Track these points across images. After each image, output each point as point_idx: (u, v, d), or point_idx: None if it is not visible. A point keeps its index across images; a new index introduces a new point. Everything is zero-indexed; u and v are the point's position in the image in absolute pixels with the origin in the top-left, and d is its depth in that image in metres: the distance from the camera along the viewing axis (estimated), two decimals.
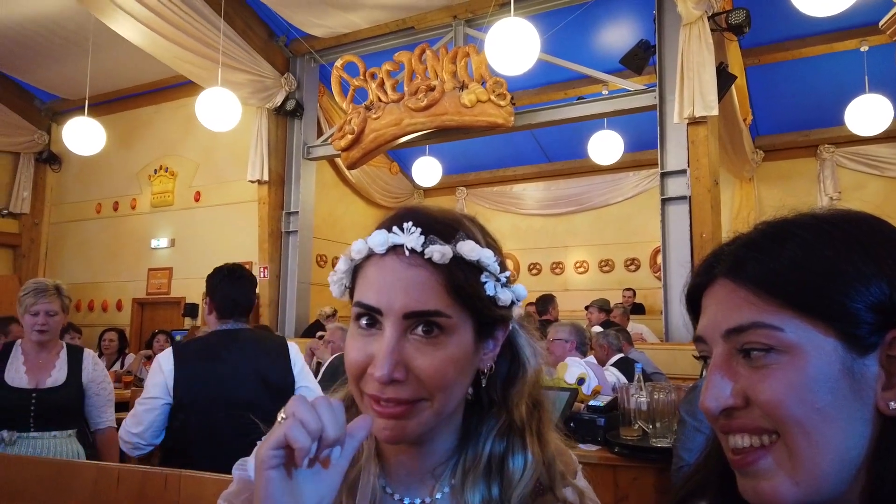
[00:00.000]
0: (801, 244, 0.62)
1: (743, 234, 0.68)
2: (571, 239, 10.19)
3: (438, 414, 0.74)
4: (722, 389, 0.62)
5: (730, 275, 0.65)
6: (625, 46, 6.32)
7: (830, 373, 0.58)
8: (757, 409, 0.60)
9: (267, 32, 8.01)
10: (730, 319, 0.62)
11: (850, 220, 0.64)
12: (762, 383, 0.59)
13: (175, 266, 9.25)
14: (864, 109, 6.74)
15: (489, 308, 0.76)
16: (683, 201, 5.78)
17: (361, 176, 9.65)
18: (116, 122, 9.53)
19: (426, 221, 0.75)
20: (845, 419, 0.58)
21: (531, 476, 0.77)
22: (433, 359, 0.72)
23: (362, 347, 0.74)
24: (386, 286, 0.73)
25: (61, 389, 2.75)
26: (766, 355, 0.60)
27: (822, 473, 0.58)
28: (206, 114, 6.58)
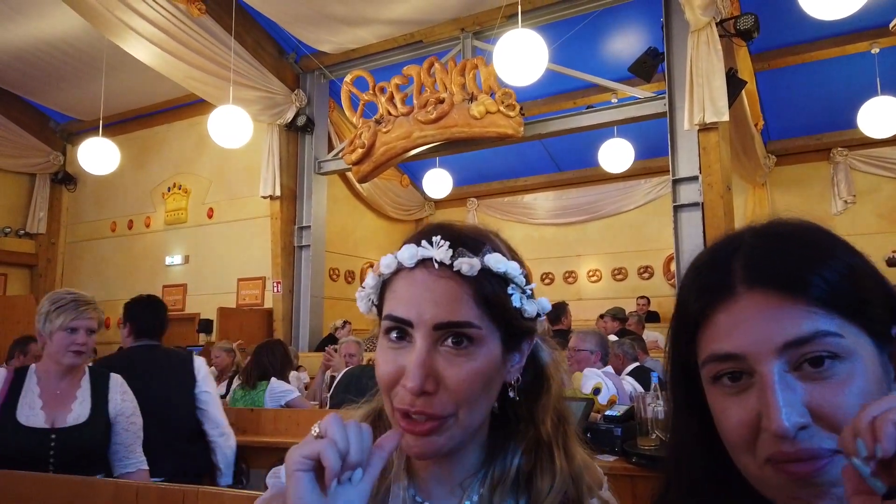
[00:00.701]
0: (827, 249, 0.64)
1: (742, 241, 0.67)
2: (584, 248, 10.16)
3: (465, 428, 0.75)
4: (796, 406, 0.59)
5: (764, 285, 0.62)
6: (633, 54, 6.32)
7: (878, 374, 0.60)
8: (824, 423, 0.58)
9: (277, 50, 8.10)
10: (786, 332, 0.60)
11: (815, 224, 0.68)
12: (835, 396, 0.58)
13: (189, 282, 9.32)
14: (877, 111, 6.68)
15: (516, 319, 0.78)
16: (696, 208, 5.75)
17: (372, 189, 9.69)
18: (130, 141, 9.65)
19: (454, 235, 0.76)
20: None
21: (559, 490, 0.78)
22: (463, 370, 0.73)
23: (393, 360, 0.75)
24: (416, 298, 0.74)
25: (85, 428, 2.24)
26: (829, 364, 0.59)
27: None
28: (218, 131, 6.64)
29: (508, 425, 0.83)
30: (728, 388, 0.63)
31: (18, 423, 2.15)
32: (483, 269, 0.75)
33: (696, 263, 0.70)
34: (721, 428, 0.64)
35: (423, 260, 0.75)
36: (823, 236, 0.66)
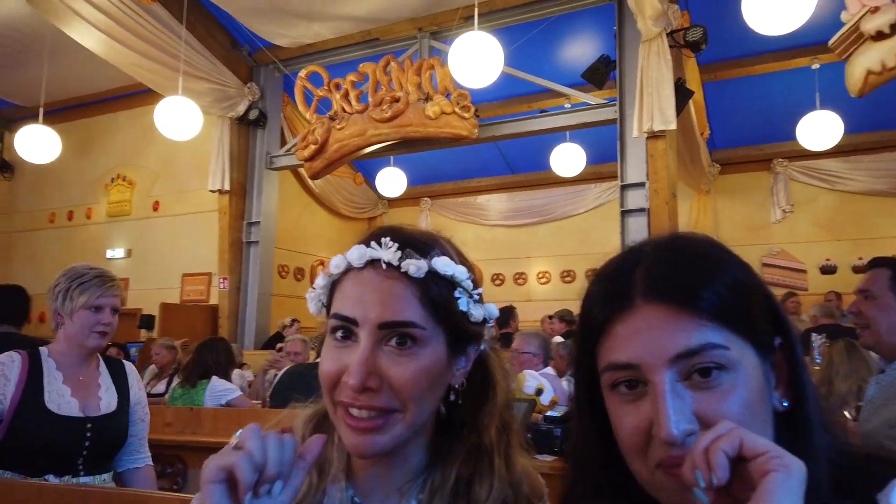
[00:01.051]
0: (719, 264, 0.67)
1: (643, 255, 0.70)
2: (534, 250, 10.27)
3: (410, 426, 0.76)
4: (686, 415, 0.61)
5: (660, 298, 0.65)
6: (586, 61, 6.42)
7: (760, 383, 0.64)
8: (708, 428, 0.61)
9: (230, 41, 7.93)
10: (677, 344, 0.63)
11: (712, 240, 0.72)
12: (720, 404, 0.61)
13: (132, 277, 9.04)
14: (816, 125, 6.96)
15: (462, 323, 0.79)
16: (642, 213, 5.88)
17: (325, 186, 9.58)
18: (72, 129, 9.31)
19: (403, 238, 0.78)
20: (767, 425, 0.64)
21: (497, 498, 0.79)
22: (407, 369, 0.74)
23: (336, 358, 0.76)
24: (362, 298, 0.75)
25: (115, 417, 2.09)
26: (715, 374, 0.62)
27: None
28: (165, 122, 6.46)
29: (452, 430, 0.83)
30: (624, 395, 0.66)
31: (50, 411, 1.95)
32: (430, 272, 0.76)
33: (601, 274, 0.73)
34: (617, 434, 0.67)
35: (372, 261, 0.76)
36: (717, 252, 0.69)
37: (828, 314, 5.59)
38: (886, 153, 8.14)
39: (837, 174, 8.44)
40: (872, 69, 4.83)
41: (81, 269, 2.12)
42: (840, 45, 5.05)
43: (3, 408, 1.90)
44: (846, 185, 8.40)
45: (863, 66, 4.89)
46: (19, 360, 1.98)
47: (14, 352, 2.02)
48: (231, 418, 3.35)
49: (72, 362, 2.06)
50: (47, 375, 2.00)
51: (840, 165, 8.40)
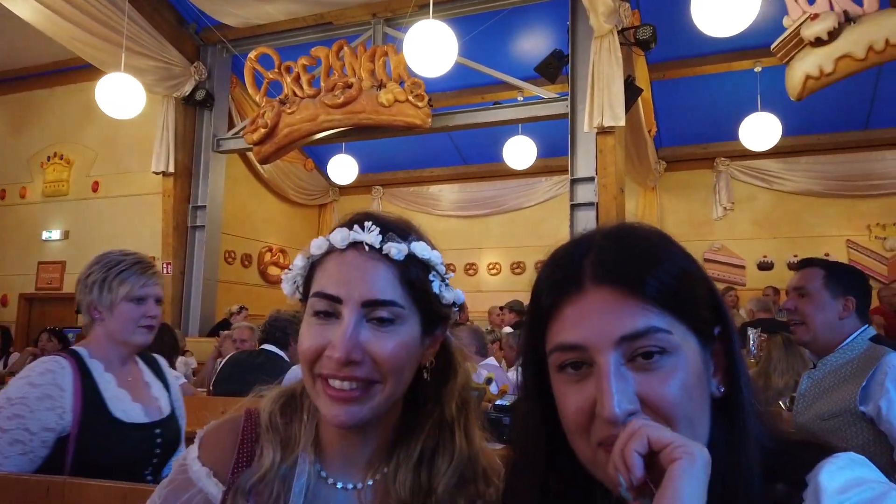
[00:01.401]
0: (666, 253, 0.70)
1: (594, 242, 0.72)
2: (485, 241, 10.34)
3: (388, 398, 0.81)
4: (628, 395, 0.64)
5: (608, 282, 0.67)
6: (540, 55, 6.48)
7: (699, 368, 0.67)
8: (649, 408, 0.64)
9: (176, 18, 7.67)
10: (623, 326, 0.65)
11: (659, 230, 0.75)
12: (661, 386, 0.64)
13: (69, 260, 8.70)
14: (756, 126, 7.21)
15: (435, 304, 0.85)
16: (591, 207, 5.99)
17: (274, 171, 9.41)
18: (6, 104, 8.89)
19: (383, 223, 0.83)
20: (705, 408, 0.68)
21: (456, 468, 0.85)
22: (387, 343, 0.79)
23: (318, 334, 0.79)
24: (346, 277, 0.80)
25: (174, 418, 1.89)
26: (658, 357, 0.65)
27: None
28: (106, 100, 6.23)
29: (417, 408, 0.88)
30: (571, 375, 0.68)
31: (118, 420, 1.69)
32: (409, 255, 0.82)
33: (552, 260, 0.75)
34: (561, 413, 0.69)
35: (354, 243, 0.81)
36: (664, 242, 0.72)
37: (764, 308, 5.81)
38: (822, 155, 8.51)
39: (776, 174, 8.77)
40: (811, 74, 5.04)
41: (117, 255, 1.85)
42: (781, 49, 5.25)
43: (65, 423, 1.60)
44: (783, 185, 8.75)
45: (802, 70, 5.09)
46: (68, 366, 1.67)
47: (57, 356, 1.72)
48: None
49: (117, 362, 1.79)
50: (100, 380, 1.72)
51: (778, 166, 8.74)
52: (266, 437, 0.85)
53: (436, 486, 0.83)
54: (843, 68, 4.93)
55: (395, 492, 0.83)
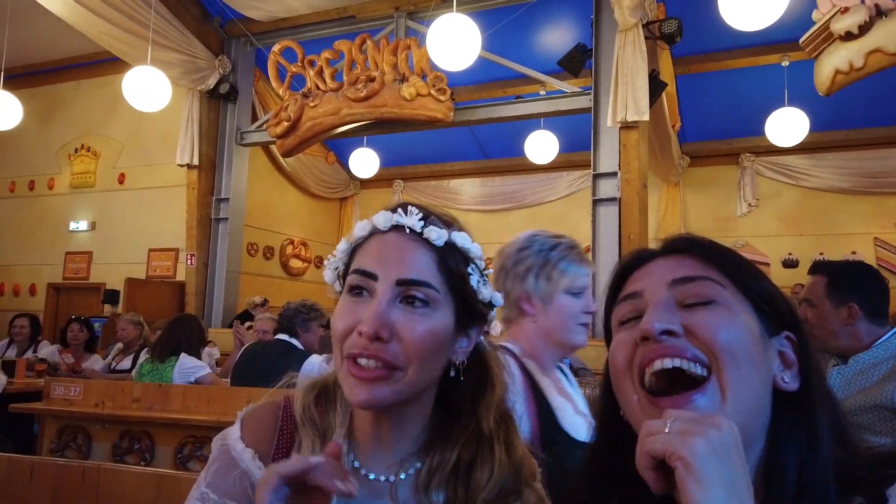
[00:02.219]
0: (741, 257, 0.76)
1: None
2: (506, 235, 9.99)
3: (411, 386, 0.79)
4: (665, 316, 0.66)
5: (672, 252, 0.73)
6: (563, 48, 6.43)
7: (753, 332, 0.68)
8: (693, 338, 0.66)
9: (201, 12, 7.74)
10: (676, 272, 0.70)
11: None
12: (705, 317, 0.67)
13: (95, 250, 8.85)
14: (783, 121, 7.10)
15: (471, 299, 0.84)
16: (613, 203, 5.95)
17: (297, 164, 9.47)
18: (35, 96, 9.01)
19: (426, 210, 0.85)
20: (760, 373, 0.68)
21: (497, 482, 0.82)
22: (417, 326, 0.78)
23: (351, 311, 0.80)
24: (385, 255, 0.81)
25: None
26: (708, 305, 0.68)
27: (745, 409, 0.65)
28: (133, 93, 6.30)
29: (451, 415, 0.87)
30: (627, 325, 0.72)
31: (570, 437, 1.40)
32: (449, 243, 0.82)
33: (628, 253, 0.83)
34: (611, 361, 0.72)
35: (396, 226, 0.82)
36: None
37: None
38: (850, 152, 8.37)
39: (802, 171, 8.64)
40: (840, 69, 4.95)
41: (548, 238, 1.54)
42: (810, 43, 5.16)
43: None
44: (810, 181, 8.61)
45: (831, 65, 5.00)
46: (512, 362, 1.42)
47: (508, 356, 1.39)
48: (200, 396, 3.32)
49: (550, 366, 1.52)
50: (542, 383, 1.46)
51: (805, 162, 8.61)
52: (304, 430, 0.86)
53: (475, 499, 0.81)
54: (874, 63, 4.84)
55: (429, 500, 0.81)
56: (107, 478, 1.37)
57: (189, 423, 3.19)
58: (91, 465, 1.40)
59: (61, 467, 1.42)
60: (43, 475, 1.39)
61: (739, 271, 0.71)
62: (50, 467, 1.41)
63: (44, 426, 3.64)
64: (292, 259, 9.78)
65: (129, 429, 3.32)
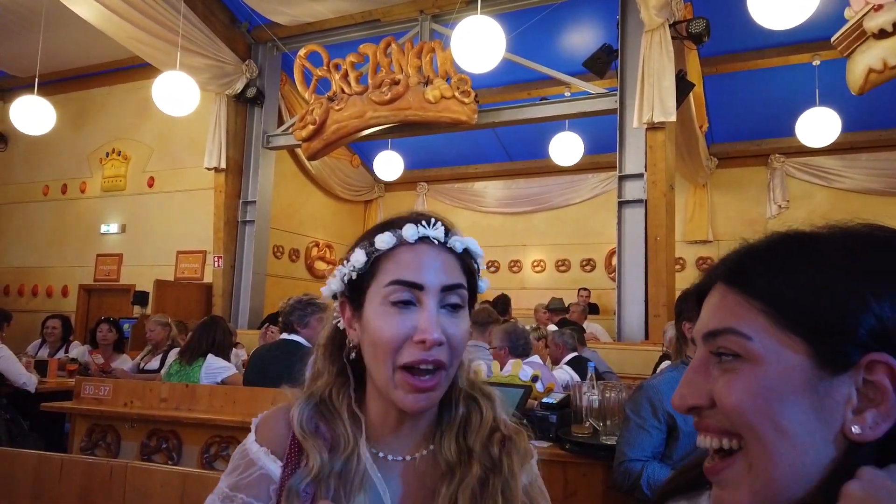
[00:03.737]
0: (799, 260, 0.62)
1: (751, 242, 0.68)
2: (530, 238, 10.28)
3: (448, 381, 0.90)
4: (689, 388, 0.63)
5: (724, 279, 0.65)
6: (588, 49, 6.40)
7: (790, 387, 0.58)
8: (719, 411, 0.61)
9: (229, 17, 7.85)
10: (710, 323, 0.64)
11: (852, 235, 0.63)
12: (725, 385, 0.60)
13: (125, 252, 9.00)
14: (814, 122, 6.97)
15: (475, 291, 0.95)
16: (639, 204, 5.89)
17: (322, 167, 9.54)
18: (67, 102, 9.21)
19: (439, 218, 0.92)
20: (804, 436, 0.57)
21: (486, 424, 0.95)
22: (460, 327, 0.88)
23: (402, 322, 0.86)
24: (423, 266, 0.87)
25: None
26: (733, 360, 0.61)
27: (777, 488, 0.58)
28: (162, 98, 6.41)
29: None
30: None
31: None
32: (466, 249, 0.92)
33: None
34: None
35: (422, 237, 0.89)
36: (809, 240, 0.64)
37: None
38: (883, 152, 8.18)
39: (834, 172, 8.47)
40: (874, 67, 4.84)
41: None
42: (842, 41, 5.06)
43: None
44: (842, 182, 8.44)
45: (864, 63, 4.89)
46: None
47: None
48: (227, 396, 3.36)
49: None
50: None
51: (837, 163, 8.43)
52: (306, 444, 0.90)
53: (473, 446, 0.92)
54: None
55: (444, 456, 0.92)
56: (133, 476, 1.39)
57: (215, 424, 3.22)
58: (118, 464, 1.42)
59: (89, 465, 1.44)
60: (72, 473, 1.42)
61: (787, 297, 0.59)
62: (78, 465, 1.44)
63: (74, 425, 3.70)
64: (317, 261, 9.86)
65: (156, 428, 3.37)
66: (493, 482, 0.91)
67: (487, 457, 0.92)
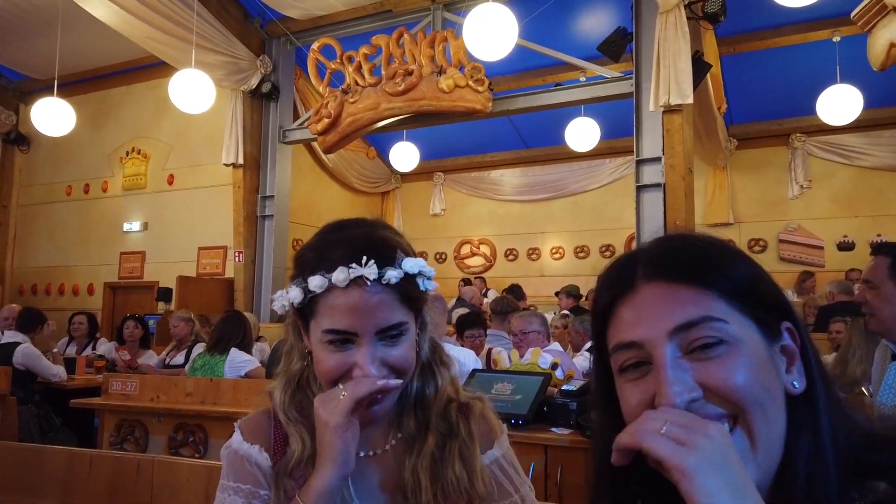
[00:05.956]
0: (724, 251, 0.69)
1: (643, 246, 0.73)
2: (548, 225, 10.24)
3: (400, 389, 0.94)
4: (681, 385, 0.63)
5: (661, 277, 0.67)
6: (602, 33, 6.33)
7: (763, 358, 0.65)
8: (714, 395, 0.63)
9: (242, 13, 7.88)
10: (675, 317, 0.65)
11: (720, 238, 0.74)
12: (722, 371, 0.63)
13: (148, 250, 9.13)
14: (836, 99, 6.84)
15: (422, 299, 0.97)
16: (658, 189, 5.84)
17: (338, 160, 9.58)
18: (87, 102, 9.33)
19: (374, 251, 0.90)
20: (778, 399, 0.65)
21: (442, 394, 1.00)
22: (400, 352, 0.91)
23: (341, 360, 0.89)
24: (356, 312, 0.88)
25: None
26: (716, 348, 0.64)
27: (774, 450, 0.63)
28: (179, 95, 6.46)
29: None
30: (631, 375, 0.68)
31: None
32: (403, 276, 0.90)
33: (605, 269, 0.76)
34: (625, 413, 0.69)
35: (355, 278, 0.88)
36: (723, 244, 0.71)
37: (845, 291, 5.54)
38: None
39: (857, 149, 8.31)
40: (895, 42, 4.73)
41: None
42: (862, 17, 4.94)
43: None
44: (865, 160, 8.28)
45: (886, 38, 4.78)
46: None
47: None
48: (250, 389, 3.41)
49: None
50: None
51: (859, 140, 8.28)
52: (289, 428, 0.95)
53: (430, 416, 0.97)
54: None
55: (405, 432, 0.97)
56: (160, 470, 1.43)
57: (239, 416, 3.27)
58: (145, 458, 1.46)
59: (117, 460, 1.48)
60: (100, 468, 1.45)
61: (731, 281, 0.66)
62: (107, 460, 1.48)
63: (103, 420, 3.78)
64: None
65: (183, 422, 3.43)
66: (449, 446, 0.95)
67: (444, 423, 0.97)
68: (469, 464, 0.94)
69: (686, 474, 0.54)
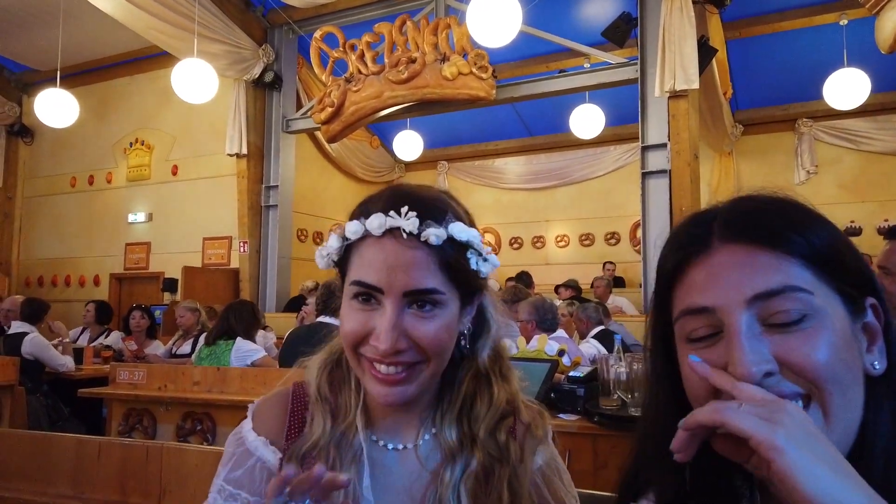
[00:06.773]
0: (810, 214, 0.64)
1: (720, 204, 0.68)
2: (552, 213, 10.22)
3: (434, 374, 0.83)
4: (757, 356, 0.59)
5: (740, 239, 0.62)
6: (607, 19, 6.27)
7: (847, 334, 0.61)
8: (790, 372, 0.59)
9: (244, 2, 7.84)
10: (755, 284, 0.60)
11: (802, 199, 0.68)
12: (803, 346, 0.59)
13: (153, 240, 9.15)
14: (843, 83, 6.77)
15: (472, 279, 0.84)
16: (663, 175, 5.81)
17: (342, 150, 9.56)
18: (90, 93, 9.32)
19: (419, 205, 0.80)
20: (858, 379, 0.61)
21: (495, 412, 0.88)
22: (429, 328, 0.79)
23: (362, 321, 0.80)
24: (385, 266, 0.78)
25: None
26: (799, 322, 0.59)
27: (851, 431, 0.60)
28: (182, 86, 6.44)
29: (454, 364, 0.89)
30: (698, 345, 0.63)
31: None
32: (447, 238, 0.80)
33: (676, 228, 0.70)
34: (688, 384, 0.64)
35: (392, 229, 0.79)
36: (807, 206, 0.66)
37: None
38: None
39: (864, 134, 8.25)
40: None
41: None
42: None
43: None
44: (873, 145, 8.23)
45: (894, 21, 4.73)
46: None
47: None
48: (257, 378, 3.42)
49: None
50: None
51: (867, 125, 8.22)
52: (316, 406, 0.88)
53: (477, 431, 0.86)
54: None
55: (445, 441, 0.87)
56: (169, 457, 1.43)
57: (247, 405, 3.29)
58: (154, 445, 1.46)
59: (126, 447, 1.49)
60: (109, 455, 1.46)
61: (817, 249, 0.61)
62: (115, 447, 1.48)
63: (111, 409, 3.81)
64: None
65: (190, 410, 3.45)
66: (499, 473, 0.85)
67: (493, 444, 0.86)
68: (517, 496, 0.85)
69: (778, 450, 0.51)
